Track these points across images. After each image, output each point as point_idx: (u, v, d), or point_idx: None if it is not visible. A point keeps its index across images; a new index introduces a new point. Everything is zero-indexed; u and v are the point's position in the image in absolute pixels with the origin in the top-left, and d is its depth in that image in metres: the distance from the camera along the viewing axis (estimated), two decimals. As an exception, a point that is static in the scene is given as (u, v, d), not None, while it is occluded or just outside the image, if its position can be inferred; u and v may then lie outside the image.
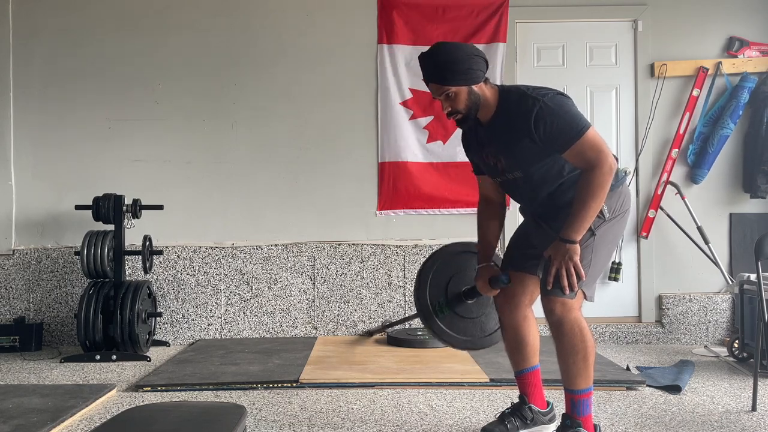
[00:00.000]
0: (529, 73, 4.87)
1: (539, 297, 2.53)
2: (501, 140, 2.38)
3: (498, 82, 4.79)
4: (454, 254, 2.79)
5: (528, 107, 2.27)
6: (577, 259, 2.27)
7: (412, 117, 4.82)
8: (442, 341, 2.72)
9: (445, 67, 2.31)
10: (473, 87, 2.33)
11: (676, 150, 4.75)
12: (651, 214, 4.76)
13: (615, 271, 4.71)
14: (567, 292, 2.28)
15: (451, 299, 2.68)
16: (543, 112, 2.25)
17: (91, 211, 4.38)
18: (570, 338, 2.32)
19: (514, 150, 2.35)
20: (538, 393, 2.62)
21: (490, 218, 2.65)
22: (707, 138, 4.70)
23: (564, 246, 2.27)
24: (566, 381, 2.39)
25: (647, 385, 3.39)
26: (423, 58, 2.37)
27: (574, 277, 2.27)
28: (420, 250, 4.80)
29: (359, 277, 4.80)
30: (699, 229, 4.63)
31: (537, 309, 2.59)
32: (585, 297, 2.39)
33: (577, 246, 2.28)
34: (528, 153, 2.33)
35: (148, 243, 4.45)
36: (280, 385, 3.44)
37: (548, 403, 2.66)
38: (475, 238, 2.70)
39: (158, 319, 4.64)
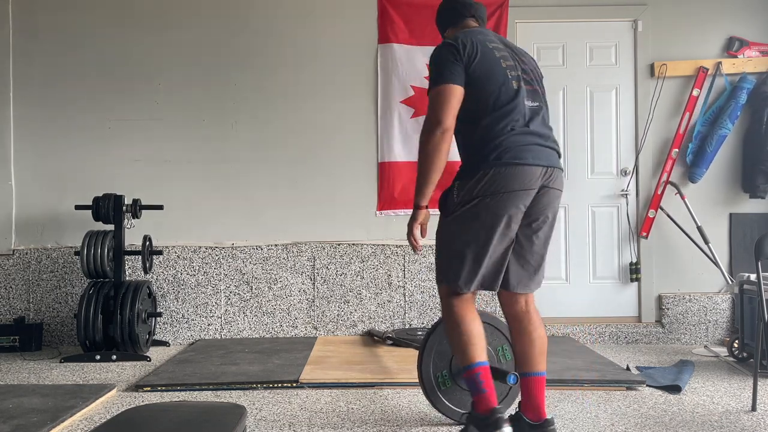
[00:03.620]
0: (529, 73, 4.87)
1: (526, 305, 2.52)
2: None
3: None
4: None
5: None
6: (415, 224, 2.35)
7: (413, 116, 4.82)
8: (447, 417, 2.76)
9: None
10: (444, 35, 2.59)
11: (676, 150, 4.74)
12: (651, 214, 4.76)
13: (634, 271, 4.71)
14: (414, 251, 2.51)
15: (456, 371, 2.71)
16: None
17: (91, 211, 4.38)
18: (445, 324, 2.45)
19: None
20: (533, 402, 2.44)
21: (447, 153, 2.34)
22: (705, 137, 4.70)
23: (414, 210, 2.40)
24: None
25: (647, 385, 3.40)
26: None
27: (413, 239, 2.38)
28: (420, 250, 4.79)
29: (359, 277, 4.80)
30: (699, 229, 4.63)
31: (541, 311, 2.60)
32: (446, 283, 2.40)
33: (422, 211, 2.36)
34: None
35: (148, 243, 4.45)
36: (280, 385, 3.45)
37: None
38: None
39: (158, 319, 4.64)
